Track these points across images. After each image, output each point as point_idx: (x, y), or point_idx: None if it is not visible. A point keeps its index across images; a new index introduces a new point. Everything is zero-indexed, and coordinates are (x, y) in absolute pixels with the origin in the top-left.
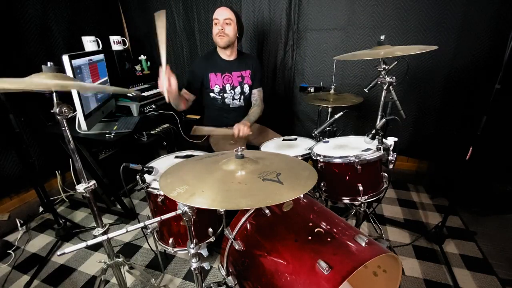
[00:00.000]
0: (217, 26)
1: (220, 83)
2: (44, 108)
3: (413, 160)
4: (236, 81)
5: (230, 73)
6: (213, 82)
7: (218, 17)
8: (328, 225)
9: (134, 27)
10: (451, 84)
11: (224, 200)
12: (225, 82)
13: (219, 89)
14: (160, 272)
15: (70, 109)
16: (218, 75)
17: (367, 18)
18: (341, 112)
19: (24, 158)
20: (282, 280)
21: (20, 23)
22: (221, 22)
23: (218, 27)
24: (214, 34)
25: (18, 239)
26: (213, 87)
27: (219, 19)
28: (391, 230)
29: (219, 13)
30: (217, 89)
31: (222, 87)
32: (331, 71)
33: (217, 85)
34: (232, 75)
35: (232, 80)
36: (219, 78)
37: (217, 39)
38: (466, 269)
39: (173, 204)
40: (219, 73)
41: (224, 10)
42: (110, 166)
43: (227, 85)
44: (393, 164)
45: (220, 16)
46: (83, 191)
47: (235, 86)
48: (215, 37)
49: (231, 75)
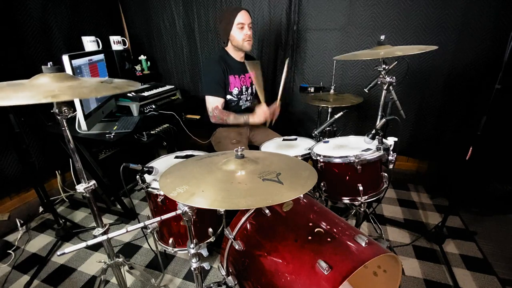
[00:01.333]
0: (244, 31)
1: (238, 85)
2: (44, 108)
3: (413, 160)
4: (248, 82)
5: (244, 74)
6: (232, 84)
7: (244, 22)
8: (328, 225)
9: (134, 27)
10: (451, 84)
11: (224, 200)
12: (242, 84)
13: (238, 91)
14: (160, 272)
15: (70, 109)
16: (237, 77)
17: (367, 18)
18: (341, 112)
19: (24, 158)
20: (282, 280)
21: (20, 23)
22: (246, 26)
23: (246, 32)
24: (240, 39)
25: (18, 239)
26: (232, 90)
27: (245, 24)
28: (391, 230)
29: (245, 18)
30: (236, 91)
31: (240, 89)
32: (331, 71)
33: (236, 87)
34: (245, 76)
35: (245, 81)
36: (238, 80)
37: (245, 44)
38: (466, 269)
39: (173, 204)
40: (237, 75)
41: (247, 14)
42: (110, 166)
43: (243, 86)
44: (393, 164)
45: (246, 21)
46: (83, 191)
47: (248, 87)
48: (242, 42)
49: (245, 76)
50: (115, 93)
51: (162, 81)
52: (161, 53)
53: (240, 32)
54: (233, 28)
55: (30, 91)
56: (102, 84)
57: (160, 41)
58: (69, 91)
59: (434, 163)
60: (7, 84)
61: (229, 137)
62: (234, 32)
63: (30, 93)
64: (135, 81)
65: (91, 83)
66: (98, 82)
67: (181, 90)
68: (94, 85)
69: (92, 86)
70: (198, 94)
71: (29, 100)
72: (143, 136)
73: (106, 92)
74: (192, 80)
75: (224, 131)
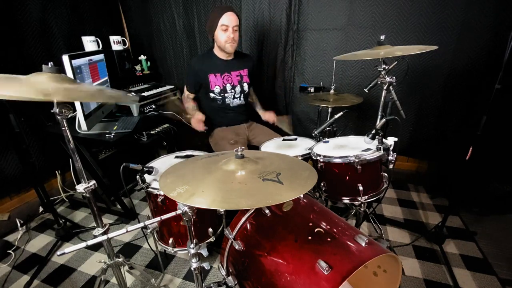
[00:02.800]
0: (227, 33)
1: (220, 84)
2: (44, 108)
3: (413, 160)
4: (235, 80)
5: (229, 72)
6: (213, 83)
7: (229, 24)
8: (328, 225)
9: (134, 27)
10: (451, 84)
11: (224, 200)
12: (225, 82)
13: (220, 89)
14: (160, 272)
15: (70, 109)
16: (218, 76)
17: (367, 18)
18: (341, 112)
19: (24, 158)
20: (282, 280)
21: (20, 23)
22: (230, 29)
23: (229, 34)
24: (222, 40)
25: (18, 239)
26: (213, 88)
27: (229, 26)
28: (391, 230)
29: (229, 20)
30: (218, 89)
31: (222, 87)
32: (331, 71)
33: (218, 86)
34: (231, 74)
35: (231, 79)
36: (219, 79)
37: (227, 46)
38: (466, 269)
39: (173, 204)
40: (218, 73)
41: (233, 16)
42: (110, 166)
43: (228, 85)
44: (393, 164)
45: (231, 23)
46: (83, 191)
47: (235, 85)
48: (225, 44)
49: (230, 74)
50: (110, 101)
51: (162, 81)
52: (161, 53)
53: (223, 33)
54: (217, 29)
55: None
56: (98, 91)
57: (160, 41)
58: (63, 92)
59: (434, 163)
60: (5, 77)
61: (227, 138)
62: (217, 33)
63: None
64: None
65: (88, 88)
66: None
67: (181, 90)
68: (91, 91)
69: (89, 92)
70: None
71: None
72: (143, 136)
73: (102, 99)
74: None
75: (221, 131)
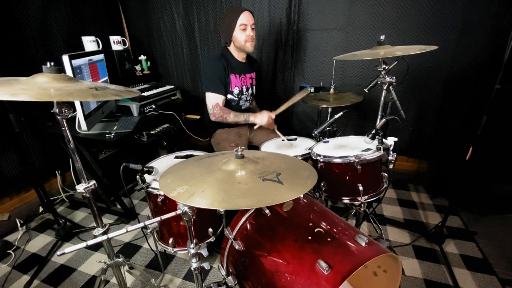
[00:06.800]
0: (246, 32)
1: (239, 85)
2: (44, 108)
3: (413, 160)
4: (248, 82)
5: (245, 74)
6: (233, 83)
7: (247, 23)
8: (328, 225)
9: (134, 27)
10: (451, 84)
11: (224, 200)
12: (242, 84)
13: (238, 90)
14: (160, 272)
15: (70, 109)
16: (237, 77)
17: (367, 18)
18: (341, 112)
19: (24, 158)
20: (282, 280)
21: (20, 23)
22: (249, 27)
23: (248, 33)
24: (242, 40)
25: (18, 239)
26: (233, 89)
27: (248, 25)
28: (391, 230)
29: (248, 19)
30: (237, 91)
31: (240, 88)
32: (331, 71)
33: (237, 87)
34: (246, 76)
35: (246, 81)
36: (238, 80)
37: (248, 45)
38: (466, 269)
39: (173, 204)
40: (237, 74)
41: (250, 15)
42: (110, 166)
43: (244, 86)
44: (393, 164)
45: (249, 22)
46: (83, 191)
47: (248, 87)
48: (245, 43)
49: (245, 76)
50: (110, 99)
51: (162, 81)
52: (161, 53)
53: (242, 33)
54: (236, 29)
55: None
56: (98, 90)
57: (160, 41)
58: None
59: (434, 163)
60: (7, 80)
61: (229, 139)
62: (236, 33)
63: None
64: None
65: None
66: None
67: (181, 90)
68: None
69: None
70: (198, 94)
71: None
72: (143, 136)
73: (103, 98)
74: (192, 80)
75: (223, 132)
